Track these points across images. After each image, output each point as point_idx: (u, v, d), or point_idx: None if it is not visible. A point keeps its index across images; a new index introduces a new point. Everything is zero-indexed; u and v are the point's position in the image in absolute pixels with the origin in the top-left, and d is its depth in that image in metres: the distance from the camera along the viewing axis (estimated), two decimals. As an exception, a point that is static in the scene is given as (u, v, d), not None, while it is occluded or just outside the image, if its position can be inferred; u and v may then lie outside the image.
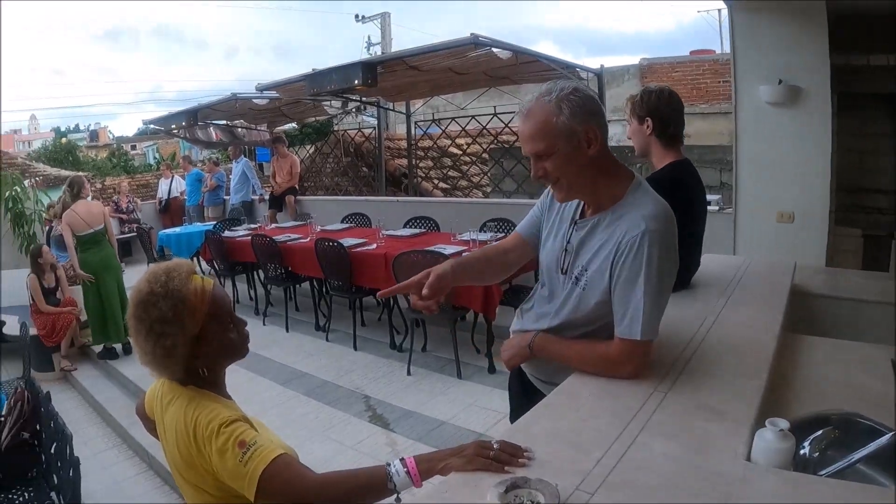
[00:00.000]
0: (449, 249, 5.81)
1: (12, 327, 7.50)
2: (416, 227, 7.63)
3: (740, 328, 2.48)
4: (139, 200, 13.89)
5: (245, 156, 12.04)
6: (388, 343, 6.42)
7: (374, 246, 6.58)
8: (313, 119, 12.31)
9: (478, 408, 4.99)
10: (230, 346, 1.79)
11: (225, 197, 12.72)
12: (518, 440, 1.60)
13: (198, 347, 1.70)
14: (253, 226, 9.35)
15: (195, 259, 10.02)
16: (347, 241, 6.61)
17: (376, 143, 11.81)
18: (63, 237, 7.98)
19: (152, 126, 12.53)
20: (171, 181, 13.90)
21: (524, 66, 7.68)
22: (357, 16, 22.53)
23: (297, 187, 10.97)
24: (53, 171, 23.90)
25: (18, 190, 10.03)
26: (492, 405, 4.97)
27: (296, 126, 13.99)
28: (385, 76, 7.35)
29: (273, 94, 9.32)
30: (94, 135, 64.49)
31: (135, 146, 56.61)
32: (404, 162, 12.48)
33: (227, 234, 8.58)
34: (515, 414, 2.64)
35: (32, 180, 11.44)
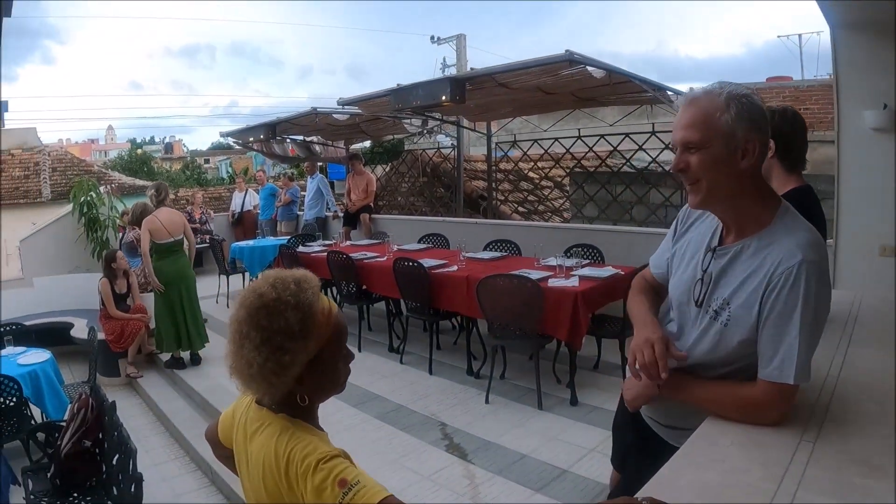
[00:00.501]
0: (534, 274, 5.68)
1: (80, 330, 7.87)
2: (496, 251, 7.50)
3: (873, 371, 2.30)
4: (212, 212, 14.18)
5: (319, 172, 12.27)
6: (464, 368, 6.28)
7: (455, 268, 6.47)
8: (390, 137, 12.37)
9: (561, 442, 4.79)
10: (338, 377, 1.67)
11: (298, 212, 12.92)
12: (665, 496, 1.44)
13: (308, 372, 1.57)
14: (327, 242, 9.42)
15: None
16: (427, 262, 6.52)
17: (454, 164, 11.79)
18: (135, 243, 8.24)
19: (230, 139, 12.75)
20: (245, 195, 14.16)
21: (614, 87, 7.49)
22: (433, 37, 22.79)
23: (371, 205, 11.01)
24: (128, 179, 24.81)
25: (94, 195, 10.30)
26: (576, 440, 4.78)
27: (367, 145, 14.17)
28: (471, 94, 7.28)
29: (354, 109, 9.40)
30: (168, 147, 67.04)
31: (208, 160, 58.56)
32: (481, 184, 12.44)
33: (301, 249, 8.66)
34: (621, 456, 2.48)
35: (108, 187, 11.74)
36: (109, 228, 10.44)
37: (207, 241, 13.33)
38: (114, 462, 3.91)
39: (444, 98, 6.78)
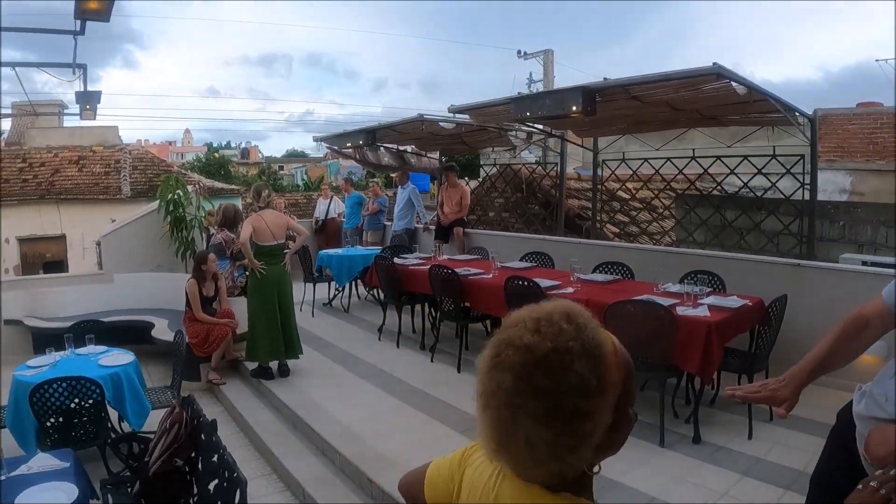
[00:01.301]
0: (665, 301, 5.34)
1: (161, 331, 7.81)
2: (607, 273, 7.18)
3: None
4: (294, 218, 14.22)
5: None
6: None
7: (571, 290, 6.18)
8: (490, 149, 12.11)
9: (689, 484, 4.44)
10: (628, 430, 1.24)
11: (386, 222, 12.80)
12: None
13: (607, 433, 1.17)
14: (424, 255, 9.23)
15: (354, 284, 9.99)
16: (543, 283, 6.20)
17: (555, 181, 11.53)
18: (223, 245, 8.27)
19: (324, 143, 12.69)
20: (330, 202, 14.18)
21: (743, 106, 7.08)
22: (519, 52, 22.88)
23: (464, 219, 10.78)
24: (207, 181, 25.23)
25: (181, 194, 10.28)
26: (705, 482, 4.44)
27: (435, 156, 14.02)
28: (599, 106, 6.89)
29: (461, 118, 9.23)
30: (245, 152, 68.97)
31: (282, 167, 59.94)
32: (576, 203, 12.21)
33: (397, 260, 8.45)
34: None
35: (196, 186, 11.79)
36: (196, 228, 10.43)
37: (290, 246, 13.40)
38: (210, 487, 3.59)
39: (574, 109, 6.48)
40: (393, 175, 13.34)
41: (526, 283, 6.04)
